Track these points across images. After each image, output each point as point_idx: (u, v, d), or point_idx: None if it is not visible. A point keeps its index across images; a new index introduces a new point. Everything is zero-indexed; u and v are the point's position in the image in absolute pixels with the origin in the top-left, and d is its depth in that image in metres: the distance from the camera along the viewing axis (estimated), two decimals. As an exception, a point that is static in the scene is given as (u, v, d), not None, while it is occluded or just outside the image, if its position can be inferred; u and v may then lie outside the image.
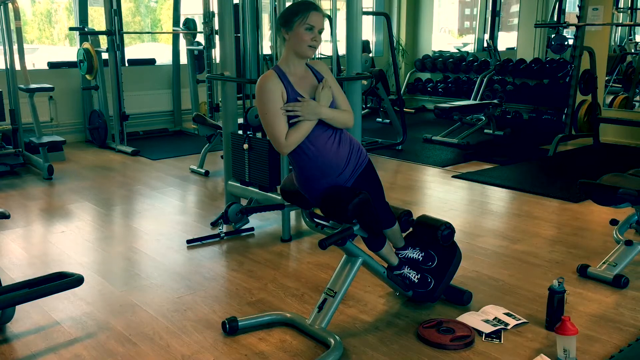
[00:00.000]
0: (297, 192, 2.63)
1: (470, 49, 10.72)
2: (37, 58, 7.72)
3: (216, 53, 6.94)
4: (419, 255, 2.92)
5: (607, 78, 7.37)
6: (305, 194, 2.58)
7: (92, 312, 2.90)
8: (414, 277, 2.87)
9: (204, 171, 5.64)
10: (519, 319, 2.76)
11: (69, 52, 7.78)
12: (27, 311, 2.86)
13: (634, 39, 8.89)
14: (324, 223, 2.66)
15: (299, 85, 2.46)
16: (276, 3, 3.85)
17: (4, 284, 2.85)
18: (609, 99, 7.54)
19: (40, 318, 2.83)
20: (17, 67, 5.79)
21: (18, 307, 2.77)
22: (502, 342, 2.59)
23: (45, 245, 3.88)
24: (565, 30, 8.41)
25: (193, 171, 5.76)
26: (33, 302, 2.83)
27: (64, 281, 2.66)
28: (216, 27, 6.33)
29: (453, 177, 5.53)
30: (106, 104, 6.92)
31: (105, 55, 6.78)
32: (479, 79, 8.34)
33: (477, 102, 7.82)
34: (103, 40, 6.90)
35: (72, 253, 3.70)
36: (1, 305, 2.57)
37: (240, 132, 4.14)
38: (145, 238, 3.99)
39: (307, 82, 2.50)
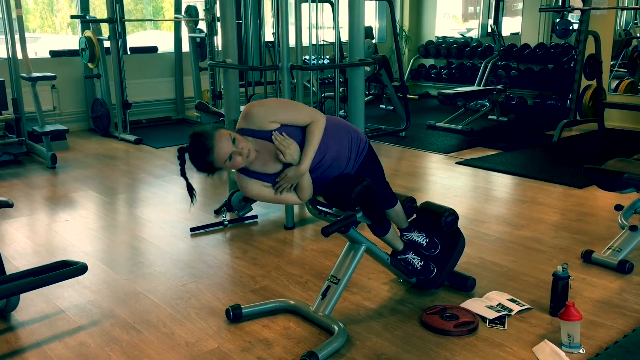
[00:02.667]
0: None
1: (474, 34, 10.65)
2: (39, 47, 7.70)
3: (218, 40, 6.90)
4: (423, 240, 2.91)
5: (612, 63, 7.31)
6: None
7: (96, 300, 2.91)
8: (417, 264, 2.87)
9: (207, 159, 5.63)
10: (523, 305, 2.76)
11: (71, 41, 7.76)
12: (32, 299, 2.88)
13: (640, 23, 8.82)
14: (327, 210, 2.66)
15: (266, 165, 2.35)
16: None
17: (8, 272, 2.87)
18: (614, 83, 7.48)
19: (45, 306, 2.84)
20: (19, 56, 5.77)
21: (23, 296, 2.78)
22: (506, 328, 2.59)
23: (49, 233, 3.89)
24: (570, 14, 8.33)
25: (196, 159, 5.74)
26: (38, 291, 2.85)
27: (68, 269, 2.66)
28: (218, 14, 6.30)
29: (457, 163, 5.51)
30: (109, 92, 6.91)
31: (107, 44, 6.75)
32: (483, 64, 8.29)
33: (481, 88, 7.77)
34: (105, 29, 6.86)
35: (76, 241, 3.71)
36: (6, 294, 2.58)
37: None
38: (149, 226, 4.00)
39: (267, 153, 2.33)
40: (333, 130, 2.45)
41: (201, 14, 7.43)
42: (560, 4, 8.47)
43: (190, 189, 2.36)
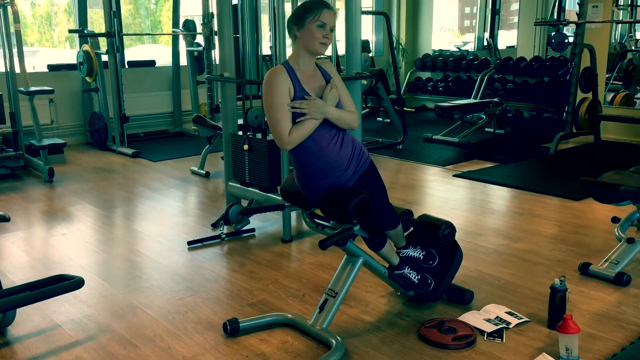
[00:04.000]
0: (297, 193, 2.63)
1: (470, 47, 10.71)
2: (37, 61, 7.72)
3: (216, 54, 6.93)
4: (419, 254, 2.91)
5: (607, 75, 7.35)
6: (305, 194, 2.58)
7: (93, 315, 2.89)
8: (414, 278, 2.86)
9: (204, 172, 5.64)
10: (521, 318, 2.76)
11: (69, 55, 7.78)
12: (28, 314, 2.86)
13: (634, 36, 8.88)
14: (325, 223, 2.66)
15: (306, 83, 2.47)
16: (275, 4, 3.84)
17: (4, 287, 2.86)
18: (610, 96, 7.52)
19: (41, 321, 2.83)
20: (17, 70, 5.79)
21: (19, 310, 2.77)
22: (504, 341, 2.58)
23: (46, 247, 3.88)
24: (565, 27, 8.40)
25: (193, 172, 5.75)
26: (34, 305, 2.83)
27: (65, 284, 2.66)
28: (215, 28, 6.33)
29: (454, 176, 5.52)
30: (106, 106, 6.92)
31: (105, 57, 6.78)
32: (479, 77, 8.33)
33: (477, 100, 7.81)
34: (103, 43, 6.90)
35: (73, 255, 3.69)
36: (2, 308, 2.57)
37: (240, 133, 4.13)
38: (146, 240, 3.99)
39: (315, 81, 2.51)
40: (345, 134, 2.56)
41: (199, 28, 7.47)
42: (555, 17, 8.53)
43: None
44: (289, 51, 3.96)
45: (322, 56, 2.79)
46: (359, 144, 2.61)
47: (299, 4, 4.46)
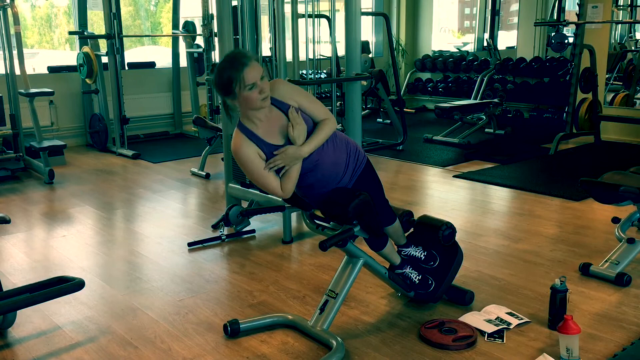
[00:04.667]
0: (297, 194, 2.63)
1: (470, 48, 10.72)
2: (37, 62, 7.73)
3: (216, 55, 6.94)
4: (421, 254, 2.91)
5: (607, 76, 7.35)
6: (305, 199, 2.58)
7: (93, 316, 2.89)
8: (415, 278, 2.86)
9: (204, 174, 5.64)
10: (522, 319, 2.75)
11: (69, 57, 7.79)
12: (29, 316, 2.86)
13: (634, 36, 8.88)
14: (325, 224, 2.66)
15: (269, 135, 2.34)
16: (275, 5, 3.85)
17: (5, 288, 2.86)
18: (610, 96, 7.52)
19: (42, 322, 2.83)
20: (17, 71, 5.79)
21: (19, 312, 2.77)
22: (504, 341, 2.58)
23: (47, 249, 3.88)
24: (565, 28, 8.41)
25: (194, 174, 5.76)
26: (34, 307, 2.84)
27: (65, 285, 2.66)
28: (215, 29, 6.33)
29: (454, 176, 5.52)
30: (106, 107, 6.92)
31: (105, 59, 6.78)
32: (479, 78, 8.33)
33: (477, 101, 7.80)
34: (103, 44, 6.90)
35: (73, 257, 3.69)
36: (2, 310, 2.57)
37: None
38: (146, 241, 3.99)
39: (276, 124, 2.35)
40: (334, 138, 2.48)
41: (199, 30, 7.47)
42: (555, 18, 8.54)
43: (226, 107, 2.37)
44: (289, 53, 3.97)
45: (320, 57, 2.75)
46: (353, 144, 2.58)
47: (297, 6, 4.47)
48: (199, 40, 7.55)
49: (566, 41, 7.74)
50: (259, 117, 2.33)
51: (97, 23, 7.88)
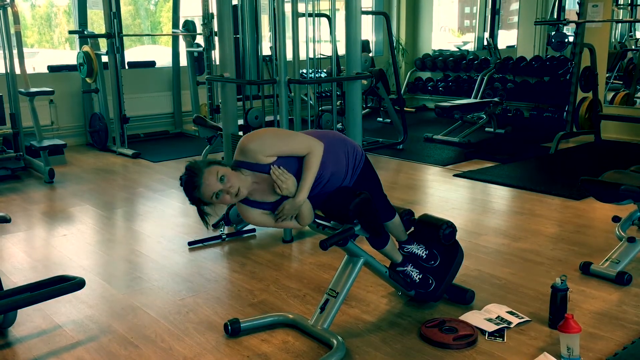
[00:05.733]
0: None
1: (470, 47, 10.71)
2: (37, 62, 7.72)
3: (216, 54, 6.93)
4: (422, 252, 2.91)
5: (607, 75, 7.35)
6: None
7: (93, 315, 2.89)
8: (416, 277, 2.86)
9: (205, 173, 5.63)
10: (522, 318, 2.75)
11: (69, 56, 7.78)
12: (29, 315, 2.86)
13: (635, 35, 8.88)
14: (325, 223, 2.66)
15: (264, 196, 2.38)
16: (275, 4, 3.84)
17: (5, 288, 2.86)
18: (610, 95, 7.52)
19: (42, 322, 2.83)
20: (17, 71, 5.79)
21: (20, 311, 2.77)
22: (505, 340, 2.58)
23: (47, 248, 3.88)
24: (565, 27, 8.40)
25: (194, 173, 5.74)
26: (35, 306, 2.83)
27: (66, 284, 2.66)
28: (215, 28, 6.33)
29: (454, 175, 5.52)
30: (107, 106, 6.92)
31: (105, 58, 6.77)
32: (479, 77, 8.32)
33: (477, 100, 7.80)
34: (103, 43, 6.90)
35: (73, 256, 3.69)
36: (3, 309, 2.57)
37: (240, 133, 4.13)
38: (146, 240, 3.99)
39: (265, 184, 2.34)
40: (330, 147, 2.43)
41: (199, 29, 7.47)
42: (555, 17, 8.53)
43: (202, 216, 2.39)
44: (289, 52, 3.97)
45: (320, 57, 2.74)
46: (350, 143, 2.57)
47: (298, 5, 4.47)
48: (199, 40, 7.54)
49: (566, 40, 7.73)
50: (250, 190, 2.34)
51: (97, 22, 7.88)
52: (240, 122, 4.25)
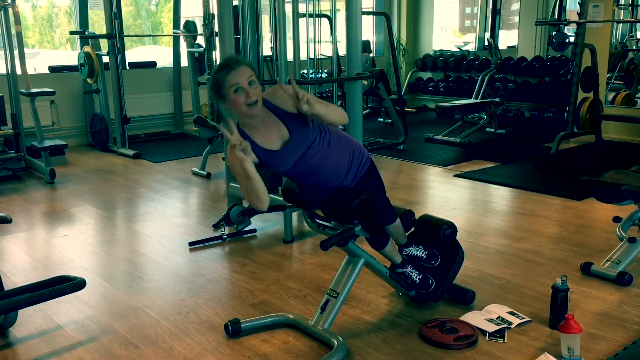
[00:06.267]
0: (298, 193, 2.63)
1: (471, 47, 10.71)
2: (38, 62, 7.73)
3: (216, 55, 6.93)
4: (422, 253, 2.91)
5: (608, 75, 7.35)
6: (306, 199, 2.58)
7: (94, 316, 2.90)
8: (416, 277, 2.86)
9: (205, 173, 5.64)
10: (523, 318, 2.75)
11: (70, 56, 7.79)
12: (30, 315, 2.87)
13: (635, 35, 8.87)
14: (326, 224, 2.66)
15: (265, 140, 2.34)
16: (275, 5, 3.84)
17: (6, 288, 2.86)
18: (611, 96, 7.51)
19: (43, 322, 2.83)
20: (19, 71, 5.79)
21: (21, 311, 2.77)
22: (505, 341, 2.58)
23: (48, 249, 3.88)
24: (566, 27, 8.40)
25: (195, 173, 5.76)
26: (36, 306, 2.84)
27: (66, 285, 2.66)
28: (216, 29, 6.34)
29: (455, 176, 5.52)
30: (107, 107, 6.93)
31: (106, 59, 6.79)
32: (480, 77, 8.32)
33: (478, 100, 7.80)
34: (104, 44, 6.91)
35: (74, 257, 3.70)
36: (4, 310, 2.57)
37: (241, 133, 4.13)
38: (147, 241, 3.99)
39: (273, 130, 2.34)
40: (337, 140, 2.47)
41: (200, 29, 7.47)
42: (556, 17, 8.53)
43: (216, 113, 2.39)
44: (290, 53, 3.97)
45: (321, 57, 2.72)
46: (357, 145, 2.57)
47: (298, 6, 4.47)
48: (200, 40, 7.55)
49: (567, 40, 7.73)
50: (255, 124, 2.33)
51: (97, 23, 7.89)
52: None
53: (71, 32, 7.36)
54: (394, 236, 2.86)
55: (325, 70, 7.19)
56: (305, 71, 5.11)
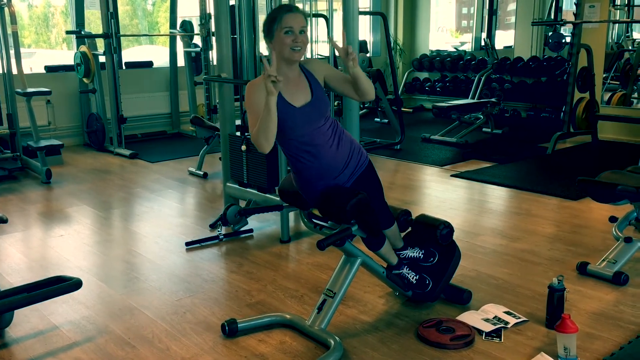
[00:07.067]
0: (295, 193, 2.63)
1: (467, 47, 10.72)
2: (34, 62, 7.71)
3: (213, 55, 6.93)
4: (419, 253, 2.91)
5: (604, 75, 7.37)
6: (303, 195, 2.58)
7: (91, 316, 2.89)
8: (412, 278, 2.87)
9: (202, 173, 5.64)
10: (519, 318, 2.76)
11: (66, 56, 7.77)
12: (26, 315, 2.86)
13: (631, 35, 8.90)
14: (323, 224, 2.66)
15: (288, 94, 2.40)
16: (272, 5, 3.84)
17: (2, 288, 2.85)
18: (607, 96, 7.54)
19: (39, 322, 2.82)
20: (14, 71, 5.78)
21: (17, 312, 2.76)
22: (502, 340, 2.58)
23: (44, 249, 3.87)
24: (562, 28, 8.41)
25: (191, 173, 5.75)
26: (32, 306, 2.83)
27: (63, 285, 2.66)
28: (213, 28, 6.33)
29: (452, 176, 5.52)
30: (104, 107, 6.91)
31: (102, 59, 6.77)
32: (476, 77, 8.34)
33: (475, 100, 7.81)
34: (100, 44, 6.89)
35: (70, 257, 3.69)
36: (0, 310, 2.56)
37: (238, 133, 4.13)
38: (144, 241, 3.99)
39: (300, 87, 2.45)
40: (341, 134, 2.52)
41: (196, 29, 7.46)
42: (552, 17, 8.54)
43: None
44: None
45: (317, 57, 2.76)
46: (357, 144, 2.60)
47: (295, 5, 4.46)
48: (197, 40, 7.54)
49: (563, 41, 7.74)
50: (286, 73, 2.41)
51: (94, 22, 7.87)
52: (238, 122, 4.25)
53: (67, 32, 7.34)
54: (391, 240, 2.86)
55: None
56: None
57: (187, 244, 3.83)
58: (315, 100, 2.45)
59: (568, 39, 7.55)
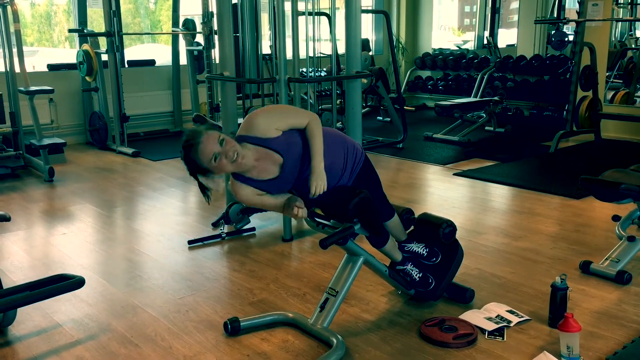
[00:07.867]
0: (298, 192, 2.62)
1: (470, 46, 10.70)
2: (37, 60, 7.72)
3: (215, 53, 6.93)
4: (423, 250, 2.91)
5: (607, 74, 7.35)
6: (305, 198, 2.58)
7: (93, 314, 2.89)
8: (416, 275, 2.86)
9: (204, 171, 5.63)
10: (522, 317, 2.75)
11: (69, 54, 7.78)
12: (29, 313, 2.86)
13: (635, 34, 8.87)
14: (325, 222, 2.65)
15: (262, 173, 2.38)
16: (275, 3, 3.84)
17: (5, 286, 2.86)
18: (610, 94, 7.51)
19: (42, 320, 2.83)
20: (17, 69, 5.79)
21: (20, 310, 2.76)
22: (505, 339, 2.58)
23: (47, 247, 3.88)
24: (565, 26, 8.40)
25: (194, 172, 5.74)
26: (35, 305, 2.83)
27: (65, 283, 2.66)
28: (215, 27, 6.33)
29: (454, 174, 5.52)
30: (106, 105, 6.92)
31: (105, 57, 6.77)
32: (479, 76, 8.32)
33: (477, 99, 7.80)
34: (103, 42, 6.90)
35: (73, 255, 3.69)
36: (3, 308, 2.57)
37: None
38: (146, 239, 3.99)
39: (267, 163, 2.36)
40: (327, 141, 2.44)
41: (199, 27, 7.46)
42: (555, 15, 8.53)
43: (202, 189, 2.39)
44: (289, 51, 3.96)
45: (320, 55, 2.74)
46: (350, 142, 2.57)
47: (298, 4, 4.46)
48: (199, 38, 7.54)
49: (566, 39, 7.73)
50: (247, 169, 2.35)
51: (96, 21, 7.87)
52: (240, 120, 4.24)
53: (70, 30, 7.35)
54: (394, 233, 2.86)
55: (325, 69, 7.19)
56: (304, 69, 5.11)
57: (190, 242, 3.83)
58: (287, 156, 2.37)
59: (571, 37, 7.53)
